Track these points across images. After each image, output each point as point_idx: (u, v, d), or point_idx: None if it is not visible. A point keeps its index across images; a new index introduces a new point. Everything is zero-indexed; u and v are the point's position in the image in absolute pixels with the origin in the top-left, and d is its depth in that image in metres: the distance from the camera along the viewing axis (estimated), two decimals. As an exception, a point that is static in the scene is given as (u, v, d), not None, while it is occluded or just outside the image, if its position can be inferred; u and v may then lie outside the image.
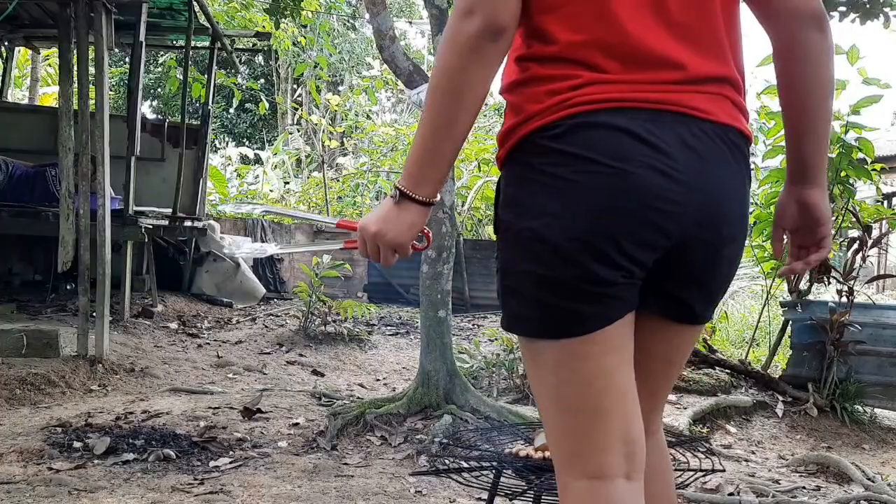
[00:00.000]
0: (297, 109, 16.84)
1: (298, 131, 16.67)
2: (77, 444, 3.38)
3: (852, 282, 5.24)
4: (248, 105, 17.62)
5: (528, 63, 1.22)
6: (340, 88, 17.53)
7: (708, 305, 1.31)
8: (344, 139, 13.87)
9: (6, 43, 8.29)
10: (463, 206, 10.33)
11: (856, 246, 5.44)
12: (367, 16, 4.72)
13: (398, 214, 1.24)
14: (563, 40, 1.18)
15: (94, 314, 5.07)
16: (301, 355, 6.17)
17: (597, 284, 1.15)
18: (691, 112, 1.17)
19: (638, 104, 1.15)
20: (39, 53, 9.95)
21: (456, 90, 1.17)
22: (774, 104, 5.79)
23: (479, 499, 2.98)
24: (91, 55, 5.13)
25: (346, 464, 3.43)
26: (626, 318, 1.21)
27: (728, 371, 5.80)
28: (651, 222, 1.14)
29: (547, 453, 2.10)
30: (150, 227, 6.64)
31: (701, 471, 2.03)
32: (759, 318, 6.64)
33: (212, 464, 3.30)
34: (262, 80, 18.29)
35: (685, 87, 1.18)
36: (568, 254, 1.14)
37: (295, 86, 17.92)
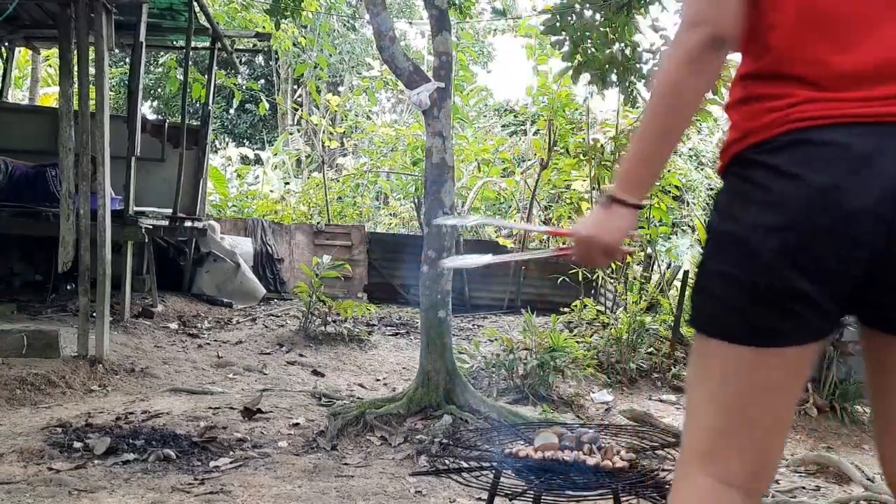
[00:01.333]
0: (297, 110, 16.85)
1: (298, 132, 16.67)
2: (77, 445, 3.38)
3: (852, 282, 5.23)
4: (248, 105, 17.62)
5: (748, 81, 1.26)
6: (340, 89, 17.53)
7: None
8: (344, 139, 13.87)
9: (6, 43, 8.29)
10: (463, 206, 10.34)
11: (856, 246, 5.44)
12: (367, 16, 4.73)
13: (610, 219, 1.32)
14: (780, 57, 1.21)
15: (95, 314, 5.08)
16: (301, 355, 6.17)
17: (792, 300, 1.15)
18: None
19: (857, 119, 1.15)
20: (40, 54, 9.96)
21: (678, 99, 1.24)
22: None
23: (479, 499, 2.98)
24: (91, 55, 5.13)
25: (346, 464, 3.44)
26: (807, 346, 1.20)
27: (728, 371, 5.80)
28: (855, 242, 1.13)
29: (548, 453, 2.11)
30: (151, 227, 6.64)
31: (700, 471, 2.03)
32: (759, 318, 6.63)
33: (212, 464, 3.30)
34: (263, 81, 18.30)
35: None
36: (770, 264, 1.15)
37: (295, 86, 17.92)
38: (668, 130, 1.27)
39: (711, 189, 15.44)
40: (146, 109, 18.22)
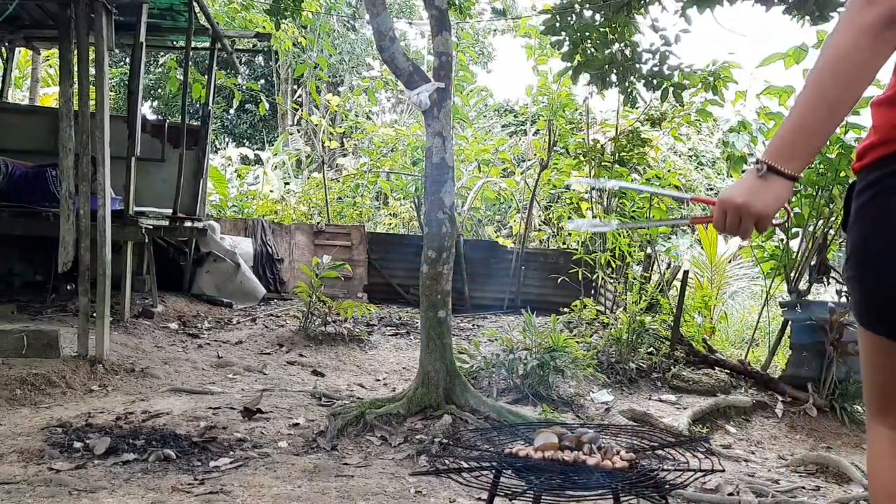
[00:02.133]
0: (297, 110, 16.85)
1: (298, 132, 16.67)
2: (77, 445, 3.38)
3: (852, 282, 5.23)
4: (248, 105, 17.62)
5: None
6: (340, 89, 17.53)
7: None
8: (344, 140, 13.87)
9: (7, 43, 8.29)
10: (463, 206, 10.34)
11: (855, 246, 5.43)
12: (367, 16, 4.73)
13: (764, 187, 1.32)
14: None
15: (95, 314, 5.08)
16: (301, 355, 6.17)
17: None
18: None
19: None
20: (40, 54, 9.96)
21: (846, 73, 1.23)
22: (774, 104, 5.80)
23: (479, 499, 2.99)
24: (91, 56, 5.13)
25: (346, 464, 3.44)
26: None
27: (728, 371, 5.81)
28: None
29: (548, 453, 2.11)
30: (151, 227, 6.64)
31: (701, 471, 2.04)
32: (759, 318, 6.64)
33: (212, 464, 3.30)
34: (263, 81, 18.30)
35: None
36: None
37: (295, 86, 17.92)
38: (835, 104, 1.26)
39: (711, 189, 15.44)
40: (146, 109, 18.23)
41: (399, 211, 12.22)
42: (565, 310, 7.09)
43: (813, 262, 5.54)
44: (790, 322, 5.59)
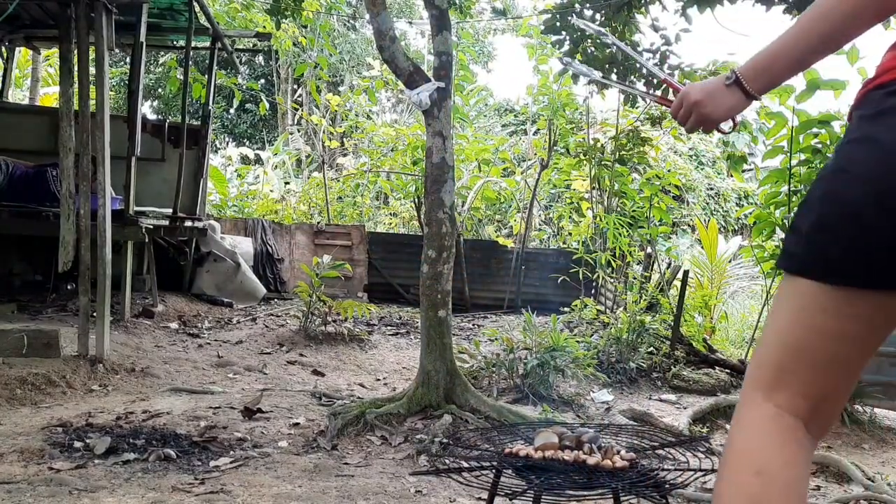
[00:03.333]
0: (297, 110, 16.84)
1: (299, 131, 16.67)
2: (78, 444, 3.38)
3: (852, 282, 5.24)
4: (248, 105, 17.62)
5: None
6: (341, 89, 17.53)
7: None
8: (344, 139, 13.87)
9: (7, 43, 8.29)
10: (463, 206, 10.34)
11: (856, 246, 5.44)
12: (367, 16, 4.73)
13: (724, 94, 1.37)
14: None
15: (95, 314, 5.08)
16: (301, 355, 6.17)
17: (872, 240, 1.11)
18: None
19: None
20: (40, 54, 9.96)
21: (842, 11, 1.21)
22: (774, 104, 5.79)
23: (479, 499, 2.99)
24: (92, 55, 5.13)
25: (346, 463, 3.44)
26: (890, 295, 1.15)
27: (728, 371, 5.81)
28: None
29: (548, 453, 2.11)
30: (151, 227, 6.65)
31: (701, 471, 2.04)
32: (759, 318, 6.64)
33: (212, 463, 3.30)
34: (263, 81, 18.30)
35: None
36: (886, 203, 1.10)
37: (295, 86, 17.92)
38: (826, 36, 1.24)
39: (711, 189, 15.44)
40: (146, 109, 18.23)
41: (399, 211, 12.23)
42: (565, 309, 7.09)
43: (813, 262, 5.53)
44: (790, 322, 5.59)
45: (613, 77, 5.80)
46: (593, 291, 8.28)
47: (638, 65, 5.70)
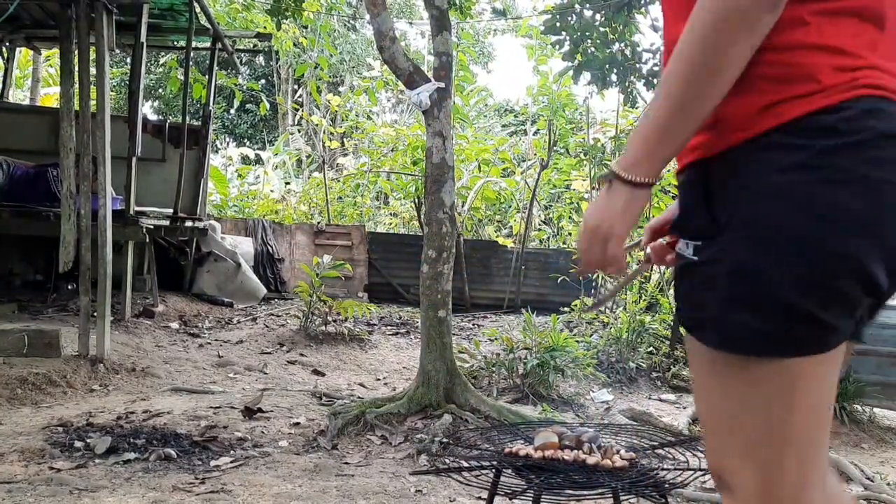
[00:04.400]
0: (297, 110, 16.85)
1: (299, 132, 16.67)
2: (78, 444, 3.38)
3: (852, 282, 5.24)
4: (248, 106, 17.62)
5: None
6: (341, 89, 17.53)
7: None
8: (344, 139, 13.88)
9: (7, 43, 8.30)
10: (463, 206, 10.34)
11: (855, 246, 5.44)
12: (367, 17, 4.73)
13: (609, 200, 1.10)
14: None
15: (96, 314, 5.08)
16: (302, 355, 6.18)
17: (867, 293, 1.03)
18: None
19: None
20: (41, 54, 9.97)
21: (717, 65, 1.01)
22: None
23: (479, 498, 2.99)
24: (92, 56, 5.14)
25: (346, 463, 3.44)
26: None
27: (728, 371, 5.81)
28: None
29: (548, 452, 2.11)
30: (151, 227, 6.65)
31: (701, 470, 2.04)
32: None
33: (213, 463, 3.30)
34: (263, 81, 18.30)
35: None
36: (847, 257, 1.00)
37: (296, 86, 17.93)
38: (701, 100, 1.03)
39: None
40: (147, 109, 18.23)
41: (399, 211, 12.23)
42: (565, 309, 7.10)
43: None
44: (790, 322, 5.60)
45: (613, 77, 5.81)
46: (593, 291, 8.28)
47: (637, 66, 5.71)
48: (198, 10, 7.40)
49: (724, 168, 1.06)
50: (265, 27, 9.45)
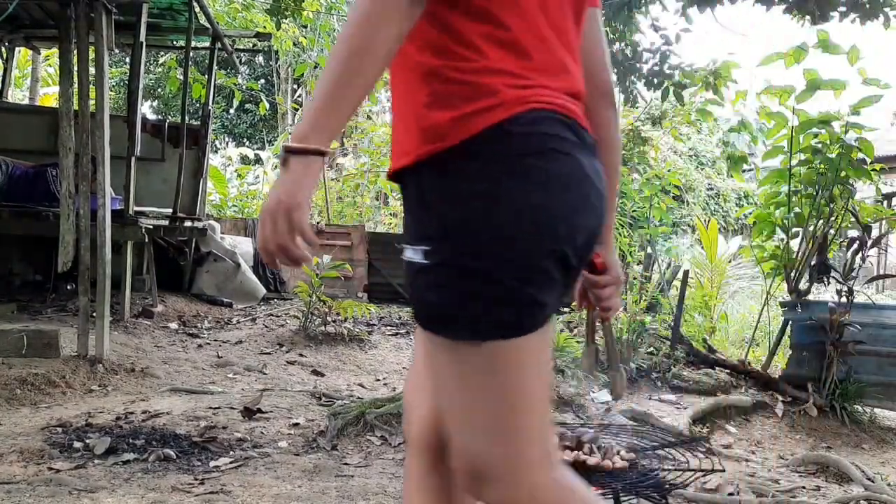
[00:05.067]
0: (297, 110, 16.84)
1: (299, 131, 16.62)
2: (77, 444, 3.38)
3: (852, 282, 5.24)
4: (248, 105, 17.62)
5: None
6: (340, 89, 17.49)
7: None
8: (344, 139, 13.87)
9: (7, 43, 8.29)
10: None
11: (855, 246, 5.45)
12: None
13: (286, 175, 1.15)
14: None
15: (95, 314, 5.08)
16: (301, 355, 6.17)
17: (564, 270, 1.21)
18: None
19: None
20: (40, 54, 9.96)
21: (368, 46, 1.14)
22: (774, 104, 5.80)
23: (479, 499, 2.98)
24: (91, 55, 5.13)
25: (346, 464, 3.44)
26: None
27: (728, 371, 5.81)
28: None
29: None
30: (151, 227, 6.64)
31: (701, 471, 2.04)
32: (759, 318, 6.63)
33: (212, 464, 3.30)
34: (263, 81, 18.29)
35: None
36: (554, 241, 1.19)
37: (295, 86, 17.91)
38: (358, 86, 1.15)
39: (711, 189, 15.44)
40: (146, 109, 18.22)
41: (399, 211, 12.22)
42: (565, 309, 7.09)
43: (813, 262, 5.53)
44: (790, 322, 5.59)
45: (614, 77, 5.80)
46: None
47: (637, 66, 5.70)
48: (197, 9, 7.39)
49: (432, 174, 1.20)
50: (265, 27, 9.45)
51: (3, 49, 8.36)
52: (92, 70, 5.14)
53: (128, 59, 9.53)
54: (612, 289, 1.51)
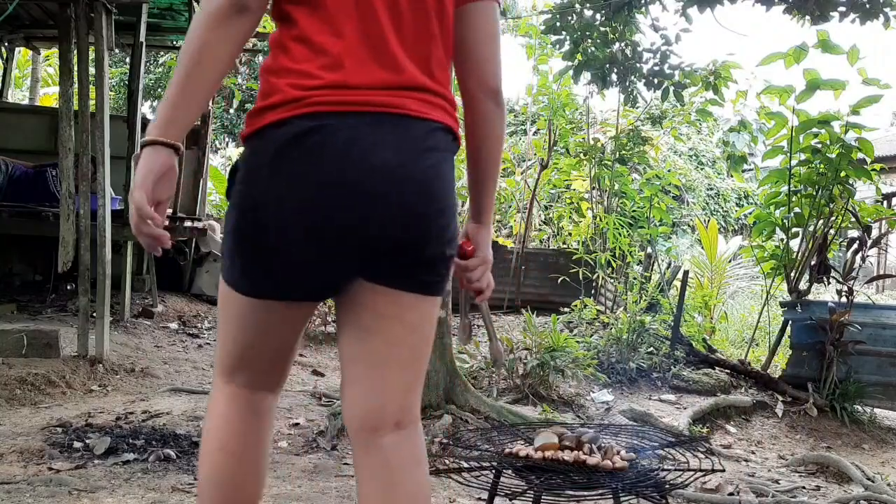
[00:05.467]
0: (297, 110, 16.84)
1: (298, 131, 16.64)
2: (77, 445, 3.38)
3: (852, 282, 5.25)
4: (248, 105, 17.60)
5: None
6: (340, 89, 17.51)
7: None
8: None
9: (6, 43, 8.29)
10: (463, 206, 10.33)
11: (855, 246, 5.45)
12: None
13: (137, 166, 1.30)
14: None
15: (95, 314, 5.08)
16: (301, 355, 6.17)
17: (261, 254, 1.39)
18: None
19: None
20: (40, 54, 9.96)
21: (198, 53, 1.30)
22: (774, 104, 5.81)
23: (479, 499, 2.99)
24: (91, 55, 5.13)
25: (346, 464, 3.44)
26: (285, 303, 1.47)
27: (728, 371, 5.81)
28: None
29: (548, 453, 2.11)
30: (151, 227, 6.63)
31: (701, 471, 2.04)
32: (759, 318, 6.64)
33: (212, 464, 3.29)
34: (263, 81, 18.28)
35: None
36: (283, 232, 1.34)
37: (295, 86, 17.90)
38: (194, 85, 1.32)
39: (711, 189, 15.44)
40: (146, 109, 18.20)
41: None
42: (565, 310, 7.09)
43: (813, 262, 5.54)
44: (790, 322, 5.59)
45: (614, 77, 5.80)
46: (593, 291, 8.27)
47: (638, 65, 5.70)
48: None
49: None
50: (265, 27, 9.43)
51: (3, 49, 8.36)
52: (92, 70, 5.15)
53: (128, 59, 9.53)
54: (480, 270, 1.59)
